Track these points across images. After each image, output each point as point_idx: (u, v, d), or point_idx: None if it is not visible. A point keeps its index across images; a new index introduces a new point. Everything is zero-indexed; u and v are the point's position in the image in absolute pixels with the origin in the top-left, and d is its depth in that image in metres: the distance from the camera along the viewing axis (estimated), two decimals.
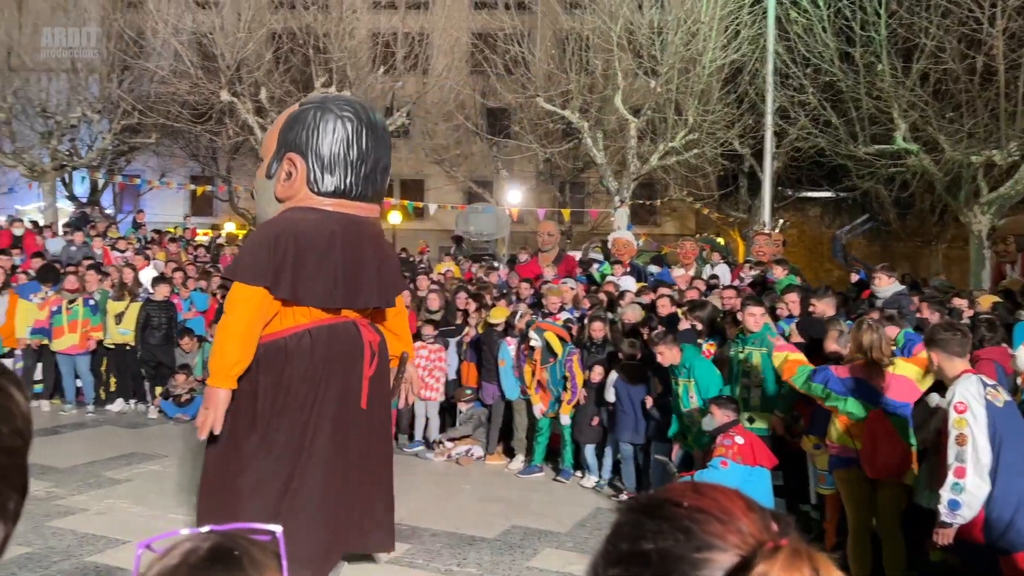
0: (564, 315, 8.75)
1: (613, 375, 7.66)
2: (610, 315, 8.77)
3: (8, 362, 10.44)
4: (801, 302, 7.52)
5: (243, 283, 4.91)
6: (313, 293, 4.97)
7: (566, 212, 22.75)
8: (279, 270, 4.85)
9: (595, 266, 12.06)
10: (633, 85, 18.23)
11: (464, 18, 22.84)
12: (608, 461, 7.90)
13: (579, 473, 8.12)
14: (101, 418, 10.34)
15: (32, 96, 20.34)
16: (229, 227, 26.23)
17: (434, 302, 9.58)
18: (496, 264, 14.92)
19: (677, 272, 11.54)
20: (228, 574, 0.96)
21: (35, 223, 17.50)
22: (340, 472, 5.10)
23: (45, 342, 10.47)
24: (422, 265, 16.13)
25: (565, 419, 7.99)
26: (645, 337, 7.73)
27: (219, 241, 17.59)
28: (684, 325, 7.90)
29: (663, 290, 9.19)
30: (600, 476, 7.92)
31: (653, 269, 12.01)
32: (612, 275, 11.00)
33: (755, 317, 6.60)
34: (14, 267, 11.73)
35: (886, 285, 8.14)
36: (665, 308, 8.47)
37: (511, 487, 7.92)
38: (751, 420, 6.49)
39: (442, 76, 20.97)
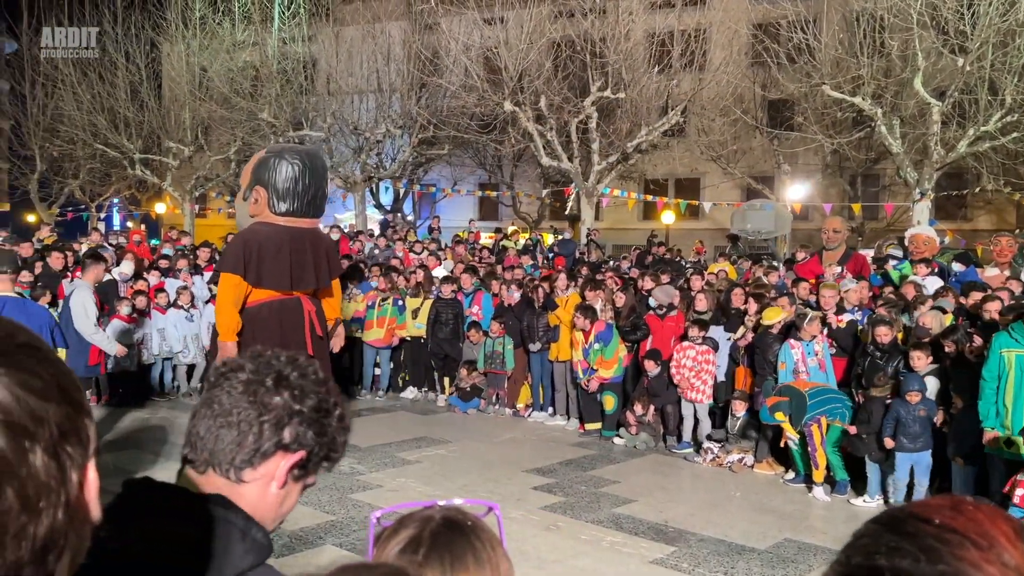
0: (847, 316, 8.12)
1: (933, 382, 6.97)
2: (905, 320, 7.98)
3: None
4: None
5: (225, 272, 7.58)
6: (271, 279, 7.53)
7: (856, 207, 21.12)
8: (247, 264, 7.42)
9: (891, 263, 10.96)
10: (936, 65, 16.44)
11: (744, 10, 22.04)
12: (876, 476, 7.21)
13: (859, 497, 7.45)
14: (396, 404, 11.41)
15: (346, 116, 22.95)
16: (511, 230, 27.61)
17: (702, 302, 9.35)
18: (775, 263, 14.23)
19: (990, 272, 10.19)
20: (464, 539, 1.07)
21: (343, 229, 19.67)
22: None
23: (359, 333, 11.68)
24: (697, 264, 15.84)
25: (819, 491, 7.54)
26: (947, 349, 6.97)
27: (502, 243, 18.57)
28: None
29: (976, 294, 8.12)
30: (878, 494, 7.24)
31: (956, 268, 10.73)
32: (914, 275, 9.91)
33: None
34: None
35: None
36: (992, 313, 7.45)
37: (786, 498, 7.51)
38: None
39: (719, 71, 20.41)
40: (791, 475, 7.95)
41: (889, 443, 7.01)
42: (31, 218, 32.31)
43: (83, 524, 0.65)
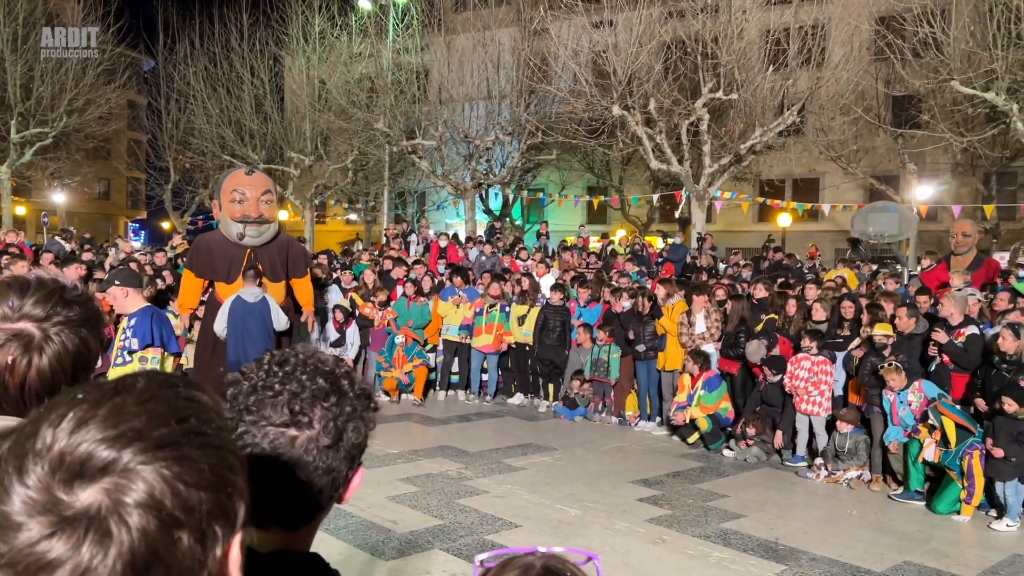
0: (970, 329, 7.66)
1: None
2: None
3: (431, 356, 12.13)
4: None
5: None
6: None
7: (988, 208, 19.86)
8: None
9: (1022, 272, 10.27)
10: None
11: (865, 4, 21.11)
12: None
13: (993, 512, 7.05)
14: (503, 409, 11.52)
15: (457, 124, 23.36)
16: (620, 234, 27.39)
17: (819, 312, 9.02)
18: (899, 269, 13.60)
19: None
20: None
21: (456, 235, 20.01)
22: None
23: (468, 340, 11.86)
24: (812, 270, 15.26)
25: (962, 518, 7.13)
26: None
27: (611, 248, 18.44)
28: None
29: None
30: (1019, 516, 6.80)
31: None
32: None
33: None
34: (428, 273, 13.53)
35: None
36: None
37: (908, 519, 7.15)
38: None
39: (839, 68, 19.62)
40: (899, 490, 7.60)
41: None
42: (165, 225, 34.47)
43: None
